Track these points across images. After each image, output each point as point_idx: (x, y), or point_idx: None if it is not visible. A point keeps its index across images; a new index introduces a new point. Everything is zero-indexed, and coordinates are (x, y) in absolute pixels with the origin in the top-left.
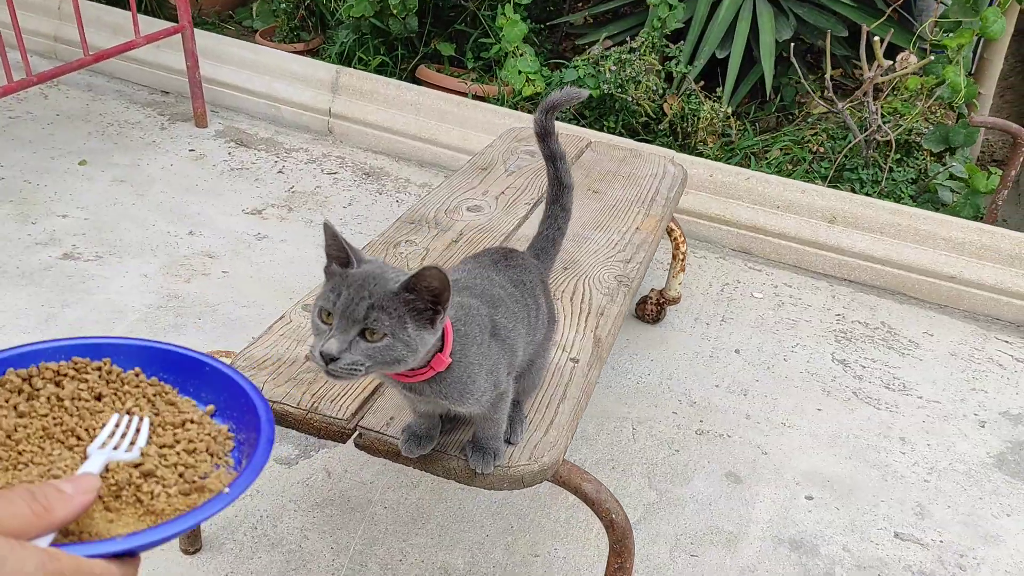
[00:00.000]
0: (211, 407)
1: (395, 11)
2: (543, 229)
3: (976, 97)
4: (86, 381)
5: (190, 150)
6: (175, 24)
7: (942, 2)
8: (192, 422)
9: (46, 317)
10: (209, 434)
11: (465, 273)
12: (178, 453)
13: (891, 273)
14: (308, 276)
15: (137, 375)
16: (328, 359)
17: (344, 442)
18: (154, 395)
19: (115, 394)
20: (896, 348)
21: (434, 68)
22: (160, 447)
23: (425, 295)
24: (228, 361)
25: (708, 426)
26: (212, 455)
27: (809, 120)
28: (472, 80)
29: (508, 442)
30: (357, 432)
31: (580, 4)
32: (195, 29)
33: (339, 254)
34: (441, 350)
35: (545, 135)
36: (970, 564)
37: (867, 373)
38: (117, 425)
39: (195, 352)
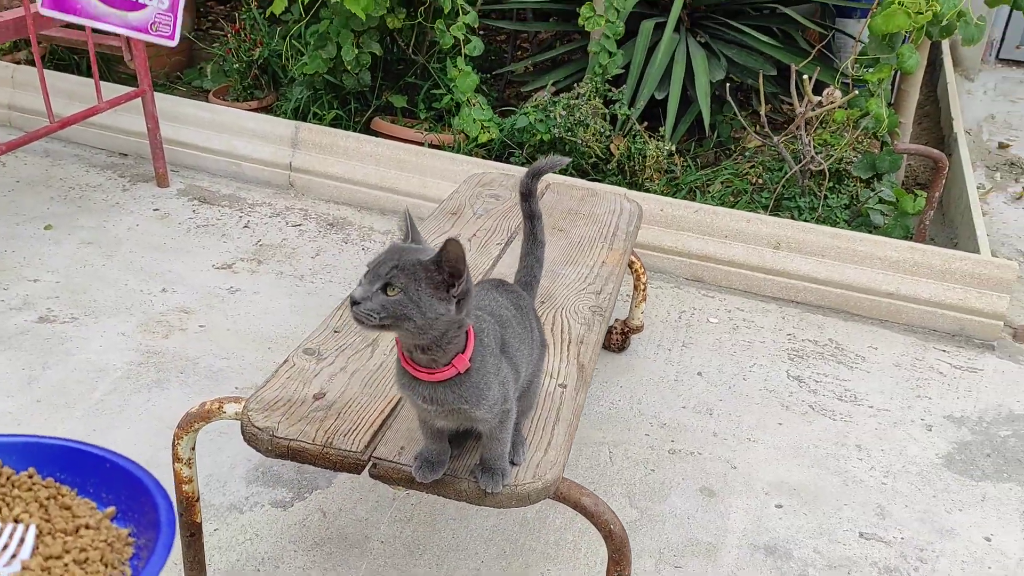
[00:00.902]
0: (111, 509)
1: (349, 67)
2: (519, 278)
3: (898, 126)
4: None
5: (154, 209)
6: (135, 88)
7: (860, 40)
8: (87, 527)
9: (28, 379)
10: (105, 540)
11: (483, 292)
12: (66, 565)
13: (834, 293)
14: (284, 325)
15: (31, 476)
16: (352, 302)
17: (359, 473)
18: (47, 498)
19: (3, 499)
20: (845, 362)
21: (388, 120)
22: (46, 559)
23: (445, 267)
24: (239, 407)
25: (679, 445)
26: (107, 565)
27: (746, 154)
28: (426, 129)
29: (513, 463)
30: (372, 463)
31: (520, 54)
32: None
33: (402, 231)
34: (463, 351)
35: (528, 196)
36: (929, 557)
37: (821, 387)
38: None
39: (94, 447)
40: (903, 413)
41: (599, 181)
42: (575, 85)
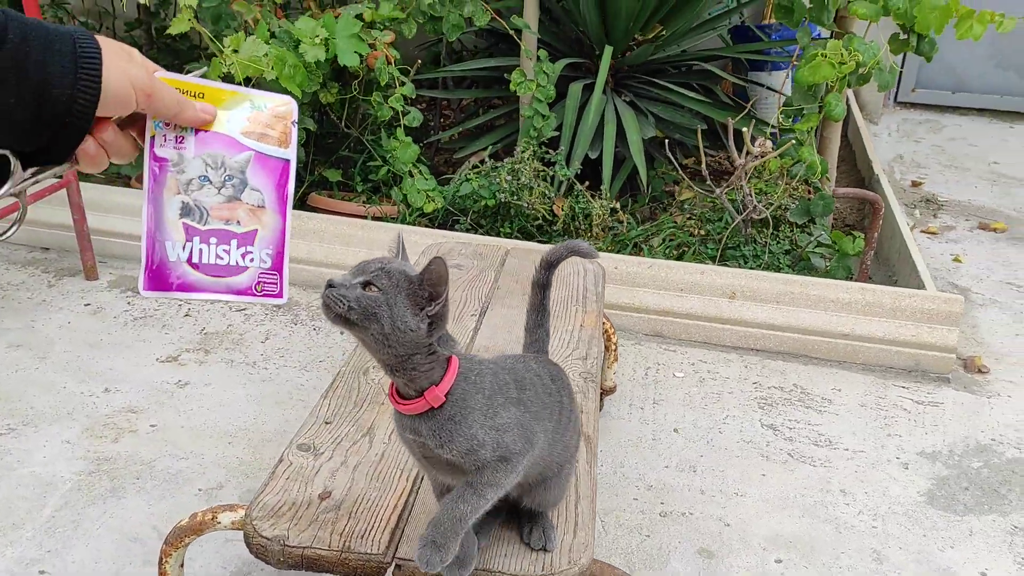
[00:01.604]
0: None
1: None
2: (531, 351)
3: (827, 171)
4: None
5: (85, 304)
6: (59, 179)
7: (779, 92)
8: None
9: None
10: None
11: (505, 359)
12: None
13: (792, 338)
14: (242, 417)
15: None
16: (328, 285)
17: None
18: None
19: None
20: (813, 407)
21: (325, 195)
22: None
23: (427, 285)
24: (240, 514)
25: (669, 507)
26: None
27: (684, 207)
28: (364, 202)
29: (544, 549)
30: (395, 564)
31: (444, 121)
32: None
33: (392, 252)
34: (437, 384)
35: (544, 287)
36: None
37: (795, 434)
38: None
39: None
40: (878, 453)
41: (546, 243)
42: (513, 149)
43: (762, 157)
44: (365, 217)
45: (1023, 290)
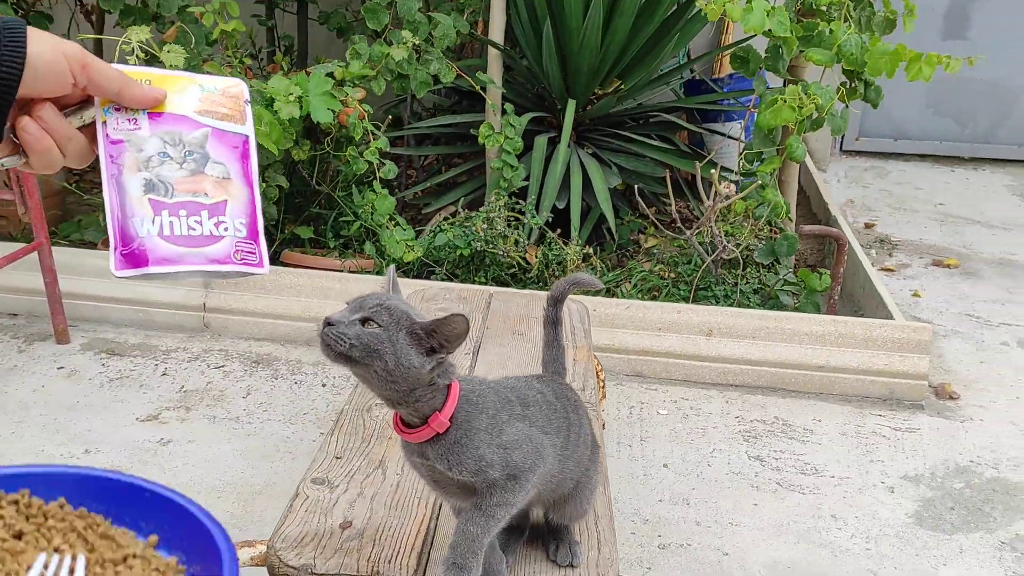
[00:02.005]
0: (154, 537)
1: None
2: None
3: (788, 212)
4: (1, 517)
5: (59, 368)
6: (29, 243)
7: (738, 139)
8: (135, 556)
9: None
10: (157, 569)
11: (507, 380)
12: None
13: (770, 372)
14: (230, 471)
15: (62, 506)
16: (326, 323)
17: None
18: (84, 528)
19: (37, 530)
20: (796, 437)
21: (298, 251)
22: None
23: (439, 336)
24: (260, 549)
25: (667, 539)
26: None
27: (653, 254)
28: (337, 257)
29: (571, 565)
30: None
31: (411, 181)
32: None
33: (384, 288)
34: (440, 410)
35: (556, 324)
36: None
37: (782, 464)
38: (46, 567)
39: (125, 475)
40: (863, 479)
41: (525, 288)
42: (481, 203)
43: (728, 199)
44: (341, 270)
45: (981, 320)
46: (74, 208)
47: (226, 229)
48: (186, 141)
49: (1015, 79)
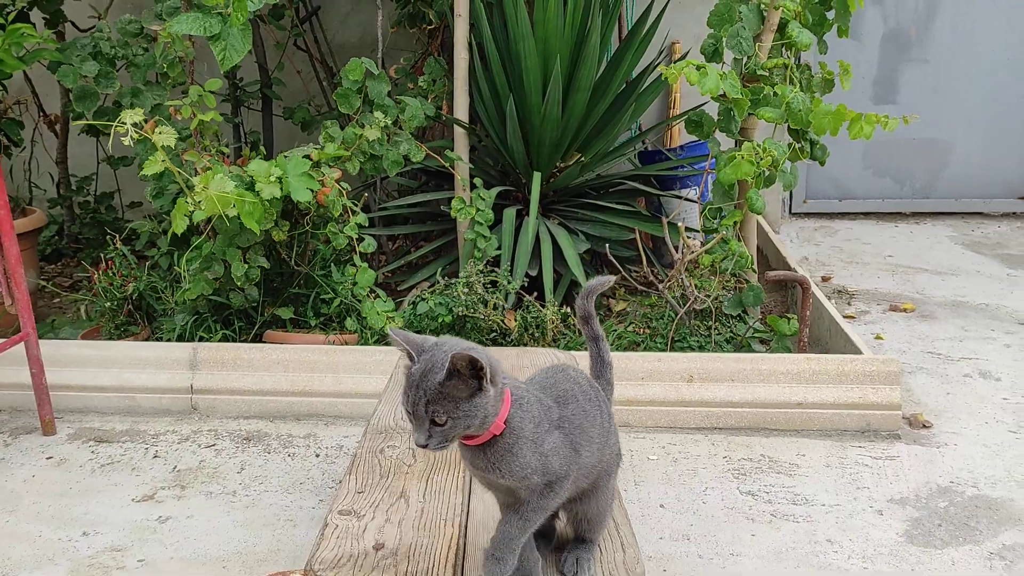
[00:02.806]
0: None
1: (239, 283)
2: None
3: (752, 262)
4: None
5: (48, 458)
6: (17, 334)
7: (698, 201)
8: None
9: None
10: None
11: (543, 374)
12: None
13: (751, 412)
14: (232, 542)
15: None
16: (422, 446)
17: None
18: None
19: None
20: (784, 472)
21: (280, 332)
22: None
23: (465, 374)
24: (297, 575)
25: (672, 572)
26: None
27: (626, 314)
28: (318, 335)
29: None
30: None
31: (383, 263)
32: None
33: (406, 350)
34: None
35: (588, 318)
36: None
37: (773, 497)
38: None
39: None
40: (852, 505)
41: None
42: (454, 276)
43: (696, 251)
44: (326, 344)
45: (943, 357)
46: (44, 309)
47: None
48: None
49: (944, 137)
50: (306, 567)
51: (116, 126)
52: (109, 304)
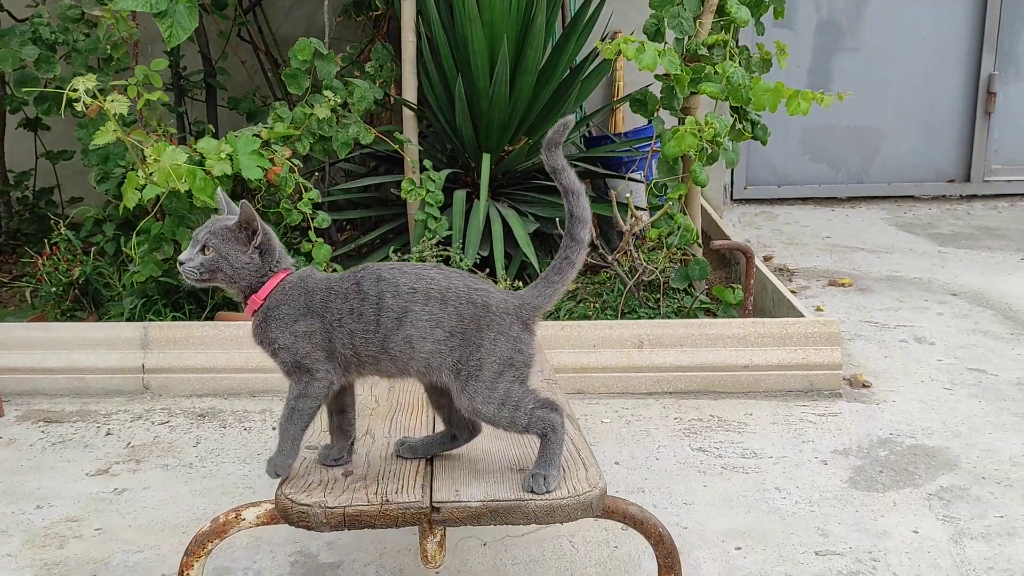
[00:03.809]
0: None
1: None
2: (555, 259)
3: (697, 236)
4: None
5: None
6: None
7: (643, 181)
8: None
9: None
10: None
11: (368, 267)
12: None
13: (700, 376)
14: (192, 509)
15: None
16: (180, 263)
17: (423, 523)
18: None
19: None
20: (732, 430)
21: (231, 313)
22: None
23: (244, 227)
24: (265, 508)
25: None
26: None
27: (576, 293)
28: None
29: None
30: (433, 508)
31: (333, 249)
32: None
33: (219, 210)
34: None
35: (557, 171)
36: (880, 555)
37: (723, 451)
38: None
39: None
40: (798, 457)
41: None
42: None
43: (644, 223)
44: None
45: (879, 325)
46: None
47: None
48: None
49: (876, 124)
50: (276, 493)
51: (68, 91)
52: (55, 289)
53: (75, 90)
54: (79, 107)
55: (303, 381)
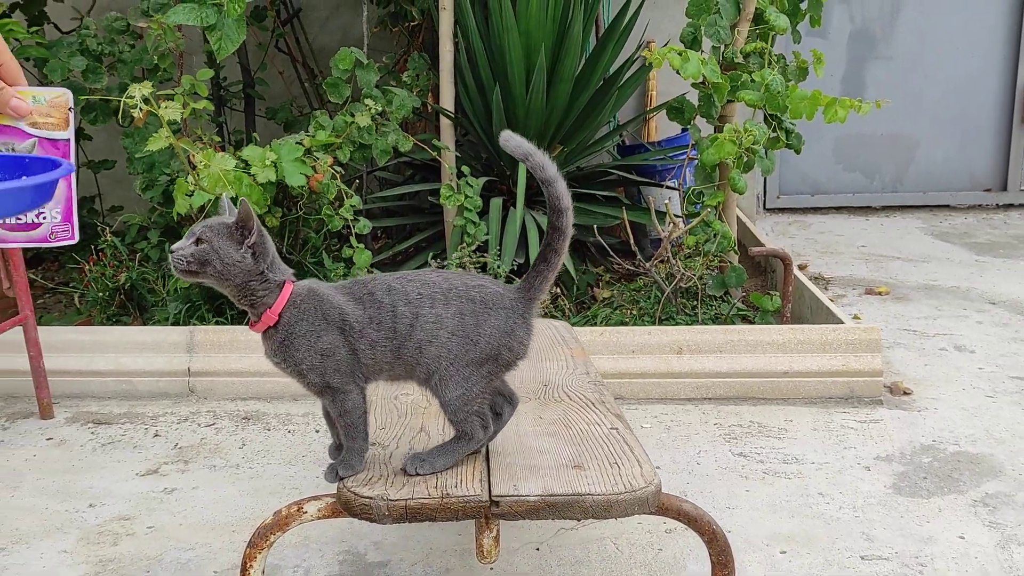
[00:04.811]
0: None
1: None
2: (541, 249)
3: (734, 243)
4: None
5: (47, 439)
6: (15, 316)
7: (679, 189)
8: None
9: None
10: None
11: (361, 280)
12: None
13: (739, 383)
14: (240, 508)
15: None
16: (170, 251)
17: (482, 516)
18: None
19: None
20: (773, 436)
21: None
22: None
23: (239, 224)
24: (326, 502)
25: (671, 525)
26: None
27: (611, 301)
28: None
29: (405, 470)
30: (493, 502)
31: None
32: None
33: (223, 212)
34: (271, 308)
35: (528, 156)
36: (926, 560)
37: (765, 456)
38: None
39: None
40: (841, 463)
41: None
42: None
43: (682, 230)
44: None
45: (919, 333)
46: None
47: (44, 218)
48: (18, 149)
49: (910, 133)
50: (338, 487)
51: (125, 99)
52: (101, 294)
53: (131, 97)
54: (136, 113)
55: (338, 400)
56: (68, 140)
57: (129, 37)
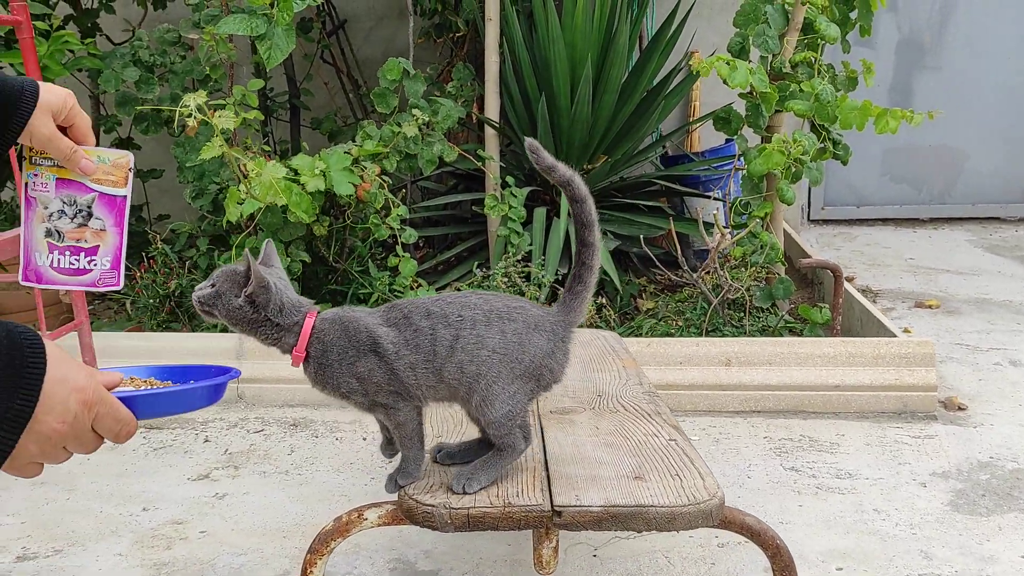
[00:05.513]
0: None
1: None
2: (574, 268)
3: (781, 255)
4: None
5: None
6: (70, 321)
7: (725, 200)
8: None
9: None
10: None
11: (380, 308)
12: None
13: (789, 396)
14: (291, 515)
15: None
16: (193, 291)
17: (544, 526)
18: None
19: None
20: (825, 450)
21: None
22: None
23: (247, 272)
24: (386, 509)
25: (723, 539)
26: None
27: (656, 312)
28: None
29: (451, 489)
30: (555, 512)
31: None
32: None
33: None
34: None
35: (550, 170)
36: None
37: (817, 471)
38: None
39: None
40: (895, 478)
41: None
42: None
43: (729, 241)
44: None
45: (971, 347)
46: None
47: (94, 264)
48: (79, 202)
49: (959, 144)
50: (399, 494)
51: (180, 108)
52: (152, 301)
53: (186, 106)
54: (190, 123)
55: (390, 415)
56: (125, 197)
57: (180, 48)
